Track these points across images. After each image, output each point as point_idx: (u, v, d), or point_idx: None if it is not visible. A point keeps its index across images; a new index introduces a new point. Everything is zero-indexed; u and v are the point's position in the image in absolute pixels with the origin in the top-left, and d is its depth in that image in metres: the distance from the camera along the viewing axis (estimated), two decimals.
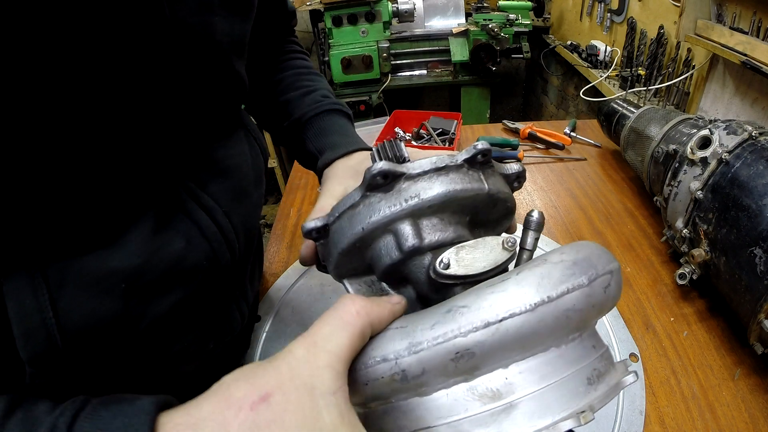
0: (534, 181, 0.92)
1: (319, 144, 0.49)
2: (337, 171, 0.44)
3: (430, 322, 0.24)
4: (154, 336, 0.36)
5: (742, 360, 0.54)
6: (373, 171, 0.27)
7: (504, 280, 0.24)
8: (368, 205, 0.28)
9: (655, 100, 1.39)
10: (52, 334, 0.30)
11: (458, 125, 1.02)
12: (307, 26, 2.54)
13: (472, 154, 0.29)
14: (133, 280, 0.33)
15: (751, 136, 0.57)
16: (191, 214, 0.37)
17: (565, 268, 0.24)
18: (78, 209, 0.31)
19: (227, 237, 0.40)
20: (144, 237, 0.34)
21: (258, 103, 0.58)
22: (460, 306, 0.24)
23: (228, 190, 0.41)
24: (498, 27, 1.96)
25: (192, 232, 0.37)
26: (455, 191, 0.28)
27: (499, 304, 0.23)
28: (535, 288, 0.23)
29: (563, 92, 2.38)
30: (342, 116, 0.52)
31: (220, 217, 0.39)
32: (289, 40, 0.62)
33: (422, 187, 0.28)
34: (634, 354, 0.54)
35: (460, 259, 0.27)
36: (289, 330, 0.59)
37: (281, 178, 2.49)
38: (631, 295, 0.64)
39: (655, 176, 0.73)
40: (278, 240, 0.78)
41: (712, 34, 1.04)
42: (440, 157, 0.29)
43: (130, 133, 0.32)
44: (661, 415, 0.49)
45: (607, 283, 0.25)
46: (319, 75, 0.60)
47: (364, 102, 2.13)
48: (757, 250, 0.49)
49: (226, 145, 0.43)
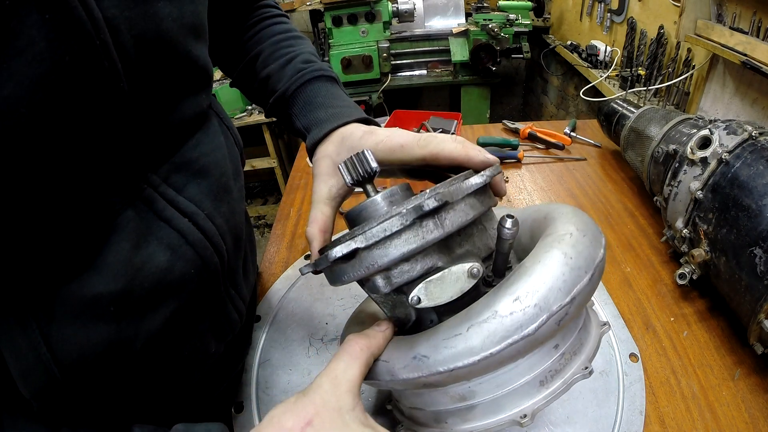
0: (534, 181, 0.92)
1: (305, 121, 0.47)
2: (320, 164, 0.43)
3: (403, 364, 0.31)
4: (152, 351, 0.35)
5: (742, 360, 0.54)
6: (330, 259, 0.31)
7: (456, 335, 0.29)
8: (339, 269, 0.33)
9: (655, 100, 1.39)
10: (50, 369, 0.30)
11: (458, 125, 1.02)
12: (307, 26, 2.54)
13: (420, 212, 0.29)
14: (121, 301, 0.32)
15: (751, 136, 0.57)
16: (171, 222, 0.35)
17: (515, 322, 0.28)
18: (49, 236, 0.29)
19: (213, 241, 0.38)
20: (125, 254, 0.32)
21: (242, 82, 0.55)
22: (422, 356, 0.30)
23: (208, 190, 0.39)
24: (498, 27, 1.96)
25: (175, 242, 0.35)
26: (410, 250, 0.30)
27: (450, 358, 0.29)
28: (480, 345, 0.28)
29: (563, 92, 2.38)
30: (326, 82, 0.49)
31: (203, 221, 0.38)
32: (261, 5, 0.57)
33: (379, 255, 0.30)
34: (634, 354, 0.54)
35: (429, 293, 0.31)
36: (289, 330, 0.59)
37: (281, 178, 2.49)
38: (631, 295, 0.64)
39: (655, 176, 0.73)
40: (278, 240, 0.78)
41: (712, 34, 1.04)
42: (390, 221, 0.29)
43: (93, 144, 0.29)
44: (661, 415, 0.49)
45: (561, 318, 0.28)
46: (301, 37, 0.55)
47: (364, 102, 2.13)
48: (757, 250, 0.49)
49: (201, 141, 0.40)
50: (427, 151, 0.38)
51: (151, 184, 0.35)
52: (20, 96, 0.24)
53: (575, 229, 0.32)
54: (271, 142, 2.33)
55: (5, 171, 0.25)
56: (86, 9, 0.26)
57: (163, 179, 0.36)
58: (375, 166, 0.34)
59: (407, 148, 0.39)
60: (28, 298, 0.29)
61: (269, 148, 2.35)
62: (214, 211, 0.39)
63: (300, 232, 0.80)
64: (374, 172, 0.34)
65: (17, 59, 0.24)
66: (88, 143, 0.29)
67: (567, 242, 0.31)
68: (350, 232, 0.31)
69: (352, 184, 0.35)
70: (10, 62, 0.23)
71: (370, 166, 0.34)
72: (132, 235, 0.33)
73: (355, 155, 0.35)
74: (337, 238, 0.40)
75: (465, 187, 0.32)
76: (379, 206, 0.34)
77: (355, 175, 0.35)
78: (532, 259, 0.30)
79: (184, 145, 0.38)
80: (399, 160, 0.39)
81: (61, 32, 0.25)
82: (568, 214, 0.35)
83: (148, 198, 0.34)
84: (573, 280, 0.29)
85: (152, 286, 0.34)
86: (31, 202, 0.27)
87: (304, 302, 0.63)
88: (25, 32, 0.24)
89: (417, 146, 0.38)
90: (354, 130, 0.43)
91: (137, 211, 0.34)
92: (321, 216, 0.41)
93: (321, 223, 0.40)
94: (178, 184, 0.37)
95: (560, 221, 0.34)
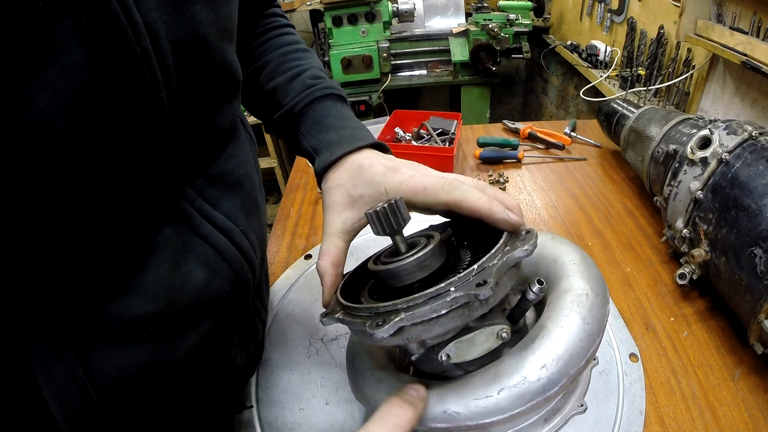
0: (534, 181, 0.92)
1: (314, 141, 0.45)
2: (333, 193, 0.41)
3: (432, 416, 0.32)
4: (188, 369, 0.34)
5: (742, 360, 0.54)
6: (377, 339, 0.29)
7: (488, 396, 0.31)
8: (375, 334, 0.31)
9: (655, 100, 1.39)
10: (86, 392, 0.28)
11: (458, 125, 1.02)
12: (307, 26, 2.54)
13: (472, 299, 0.29)
14: (160, 321, 0.31)
15: (751, 136, 0.57)
16: (208, 239, 0.34)
17: (541, 386, 0.30)
18: (86, 256, 0.28)
19: (248, 257, 0.38)
20: (164, 274, 0.31)
21: (243, 92, 0.52)
22: (454, 411, 0.31)
23: (241, 205, 0.38)
24: (498, 27, 1.97)
25: (212, 259, 0.34)
26: (454, 327, 0.31)
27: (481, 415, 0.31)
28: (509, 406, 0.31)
29: (563, 92, 2.38)
30: (336, 101, 0.47)
31: (239, 238, 0.37)
32: (268, 13, 0.54)
33: (422, 330, 0.30)
34: (634, 354, 0.54)
35: (458, 352, 0.32)
36: (289, 330, 0.59)
37: (281, 178, 2.49)
38: (631, 295, 0.64)
39: (655, 176, 0.73)
40: (278, 240, 0.78)
41: (712, 34, 1.04)
42: (440, 303, 0.29)
43: (131, 158, 0.28)
44: (661, 415, 0.49)
45: (575, 377, 0.31)
46: (308, 50, 0.53)
47: (364, 102, 2.13)
48: (757, 250, 0.49)
49: (234, 153, 0.39)
50: (451, 197, 0.36)
51: (186, 198, 0.34)
52: (56, 109, 0.22)
53: (590, 288, 0.35)
54: (272, 142, 2.33)
55: (40, 189, 0.24)
56: (126, 13, 0.24)
57: (198, 193, 0.35)
58: (408, 218, 0.33)
59: (431, 192, 0.36)
60: (64, 321, 0.28)
61: (269, 148, 2.35)
62: (247, 227, 0.38)
63: (300, 232, 0.80)
64: (403, 224, 0.33)
65: (52, 68, 0.22)
66: (126, 157, 0.27)
67: (584, 305, 0.33)
68: (392, 304, 0.30)
69: (379, 235, 0.34)
70: (45, 71, 0.22)
71: (404, 219, 0.33)
72: (171, 254, 0.31)
73: (388, 206, 0.32)
74: (351, 272, 0.40)
75: (510, 260, 0.31)
76: (414, 271, 0.33)
77: (388, 228, 0.33)
78: (554, 322, 0.33)
79: (218, 156, 0.37)
80: (421, 203, 0.37)
81: (100, 39, 0.23)
82: (579, 265, 0.37)
83: (184, 213, 0.33)
84: (589, 345, 0.32)
85: (190, 305, 0.33)
86: (68, 220, 0.26)
87: (304, 302, 0.63)
88: (60, 37, 0.22)
89: (441, 191, 0.36)
90: (373, 161, 0.40)
91: (175, 228, 0.32)
92: (334, 249, 0.39)
93: (334, 257, 0.38)
94: (213, 199, 0.36)
95: (574, 274, 0.36)
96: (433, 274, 0.33)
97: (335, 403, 0.49)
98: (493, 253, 0.31)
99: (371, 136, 0.45)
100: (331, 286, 0.38)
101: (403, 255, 0.33)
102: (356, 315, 0.32)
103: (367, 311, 0.31)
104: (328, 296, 0.38)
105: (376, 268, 0.34)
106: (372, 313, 0.30)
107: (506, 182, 0.92)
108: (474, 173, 0.96)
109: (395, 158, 0.42)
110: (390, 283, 0.33)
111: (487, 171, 0.96)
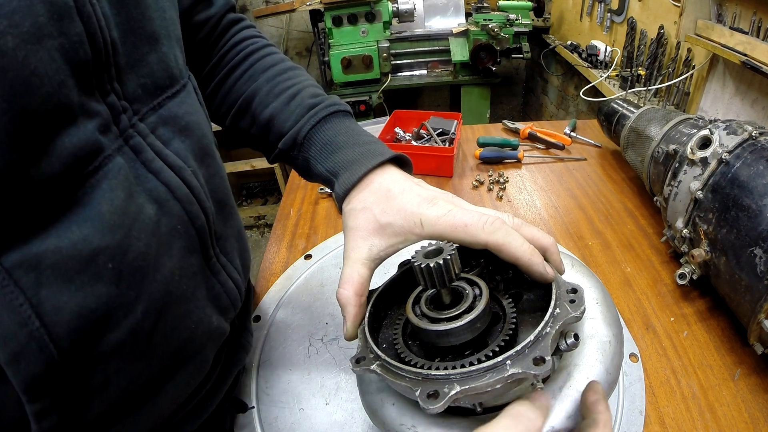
0: (534, 181, 0.92)
1: (329, 164, 0.43)
2: (358, 216, 0.39)
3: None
4: (156, 324, 0.32)
5: (742, 360, 0.54)
6: (430, 411, 0.28)
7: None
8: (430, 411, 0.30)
9: (655, 100, 1.39)
10: (46, 347, 0.25)
11: (458, 125, 1.02)
12: (307, 26, 2.54)
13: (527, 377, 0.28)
14: (119, 257, 0.29)
15: (751, 136, 0.57)
16: (159, 175, 0.33)
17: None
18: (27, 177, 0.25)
19: (198, 197, 0.36)
20: (120, 203, 0.29)
21: (236, 128, 0.50)
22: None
23: (191, 148, 0.37)
24: (498, 27, 1.97)
25: (162, 195, 0.33)
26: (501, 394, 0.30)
27: None
28: None
29: (563, 92, 2.38)
30: (342, 117, 0.46)
31: (189, 177, 0.35)
32: (240, 38, 0.52)
33: (472, 398, 0.29)
34: (634, 354, 0.54)
35: (491, 401, 0.32)
36: (289, 330, 0.59)
37: (281, 178, 2.49)
38: (631, 295, 0.64)
39: (655, 176, 0.73)
40: (278, 240, 0.78)
41: (712, 34, 1.04)
42: (496, 378, 0.28)
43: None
44: (661, 415, 0.49)
45: None
46: (297, 68, 0.51)
47: (364, 102, 2.13)
48: (757, 250, 0.49)
49: (185, 101, 0.38)
50: (492, 239, 0.34)
51: (139, 132, 0.33)
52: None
53: (612, 335, 0.35)
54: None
55: None
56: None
57: (151, 130, 0.34)
58: (460, 272, 0.32)
59: (471, 230, 0.35)
60: (6, 258, 0.24)
61: None
62: (198, 170, 0.37)
63: (300, 232, 0.80)
64: (453, 280, 0.32)
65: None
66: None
67: (608, 354, 0.34)
68: (445, 375, 0.29)
69: (426, 288, 0.33)
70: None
71: (456, 275, 0.32)
72: (124, 183, 0.30)
73: (443, 263, 0.31)
74: (374, 300, 0.38)
75: (562, 328, 0.31)
76: (464, 333, 0.32)
77: (439, 284, 0.32)
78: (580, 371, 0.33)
79: (171, 99, 0.37)
80: (459, 241, 0.35)
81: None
82: (601, 305, 0.38)
83: (136, 147, 0.32)
84: (608, 393, 0.33)
85: (147, 240, 0.31)
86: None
87: (304, 302, 0.63)
88: None
89: (483, 231, 0.35)
90: (405, 187, 0.39)
91: (127, 159, 0.31)
92: (357, 277, 0.37)
93: (357, 286, 0.37)
94: (164, 137, 0.35)
95: (597, 317, 0.37)
96: (481, 334, 0.32)
97: (335, 403, 0.49)
98: (546, 320, 0.30)
99: (389, 149, 0.43)
100: (355, 318, 0.36)
101: (451, 313, 0.32)
102: (399, 375, 0.30)
103: (414, 374, 0.29)
104: (352, 329, 0.36)
105: (424, 327, 0.32)
106: (420, 378, 0.29)
107: (506, 182, 0.92)
108: (474, 173, 0.95)
109: (426, 185, 0.41)
110: (436, 342, 0.32)
111: (487, 171, 0.96)
